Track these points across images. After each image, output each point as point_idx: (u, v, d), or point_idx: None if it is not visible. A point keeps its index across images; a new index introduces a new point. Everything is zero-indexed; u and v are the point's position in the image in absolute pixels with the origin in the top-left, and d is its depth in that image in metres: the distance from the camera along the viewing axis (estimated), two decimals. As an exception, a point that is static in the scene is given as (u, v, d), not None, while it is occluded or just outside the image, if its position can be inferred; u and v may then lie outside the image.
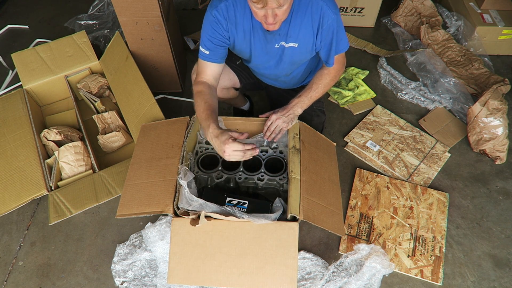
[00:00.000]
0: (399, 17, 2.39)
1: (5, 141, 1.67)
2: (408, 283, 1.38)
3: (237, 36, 1.28)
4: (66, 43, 1.93)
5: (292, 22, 1.21)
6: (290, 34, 1.24)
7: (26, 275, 1.43)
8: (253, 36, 1.27)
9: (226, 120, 1.43)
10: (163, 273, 1.36)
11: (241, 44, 1.31)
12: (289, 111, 1.33)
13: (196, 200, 1.11)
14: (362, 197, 1.60)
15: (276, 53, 1.32)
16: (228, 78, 1.49)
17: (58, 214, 1.47)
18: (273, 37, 1.26)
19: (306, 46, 1.27)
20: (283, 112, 1.33)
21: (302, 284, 1.34)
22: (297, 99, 1.34)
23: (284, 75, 1.45)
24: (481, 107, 1.68)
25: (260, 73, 1.50)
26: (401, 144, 1.80)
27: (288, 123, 1.34)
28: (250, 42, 1.29)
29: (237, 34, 1.27)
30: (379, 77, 2.12)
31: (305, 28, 1.22)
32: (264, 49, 1.31)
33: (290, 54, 1.31)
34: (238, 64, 1.53)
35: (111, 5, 2.38)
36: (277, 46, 1.28)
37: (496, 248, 1.47)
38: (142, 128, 1.48)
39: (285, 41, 1.26)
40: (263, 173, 1.31)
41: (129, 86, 1.72)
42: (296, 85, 1.56)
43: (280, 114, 1.33)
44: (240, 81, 1.55)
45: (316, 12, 1.19)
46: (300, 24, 1.22)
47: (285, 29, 1.23)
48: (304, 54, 1.31)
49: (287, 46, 1.28)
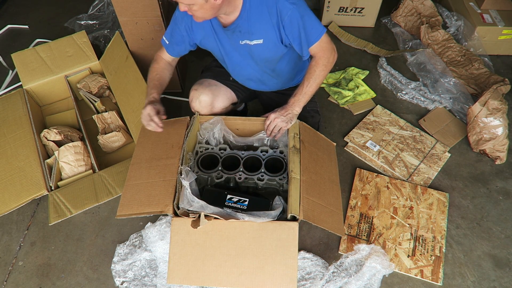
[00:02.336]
0: (399, 17, 2.39)
1: (5, 141, 1.67)
2: (408, 283, 1.38)
3: (198, 35, 1.33)
4: (66, 43, 1.93)
5: (250, 18, 1.21)
6: (252, 31, 1.23)
7: (26, 275, 1.43)
8: (216, 34, 1.30)
9: (226, 120, 1.43)
10: (163, 273, 1.36)
11: (208, 43, 1.35)
12: (288, 111, 1.33)
13: (197, 202, 1.11)
14: (362, 197, 1.60)
15: (244, 50, 1.31)
16: (226, 97, 1.49)
17: (58, 214, 1.47)
18: (232, 34, 1.26)
19: (272, 41, 1.26)
20: (282, 112, 1.33)
21: (302, 284, 1.34)
22: (293, 99, 1.34)
23: (267, 74, 1.44)
24: (481, 107, 1.68)
25: (244, 77, 1.49)
26: (401, 144, 1.80)
27: (287, 122, 1.33)
28: (217, 41, 1.32)
29: (198, 33, 1.32)
30: (379, 77, 2.12)
31: (265, 23, 1.21)
32: (231, 46, 1.32)
33: (259, 52, 1.30)
34: (232, 80, 1.54)
35: (111, 5, 2.38)
36: (241, 42, 1.28)
37: (496, 248, 1.47)
38: (142, 128, 1.48)
39: (249, 39, 1.26)
40: (263, 173, 1.31)
41: (129, 86, 1.72)
42: (285, 85, 1.54)
43: (279, 114, 1.33)
44: (237, 96, 1.55)
45: (272, 6, 1.18)
46: (260, 20, 1.21)
47: (244, 26, 1.23)
48: (272, 49, 1.30)
49: (253, 44, 1.27)
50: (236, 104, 1.60)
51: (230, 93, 1.51)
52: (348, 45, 2.32)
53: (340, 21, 2.41)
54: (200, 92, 1.41)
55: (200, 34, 1.33)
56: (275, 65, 1.40)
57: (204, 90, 1.41)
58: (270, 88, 1.55)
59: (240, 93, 1.55)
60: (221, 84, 1.49)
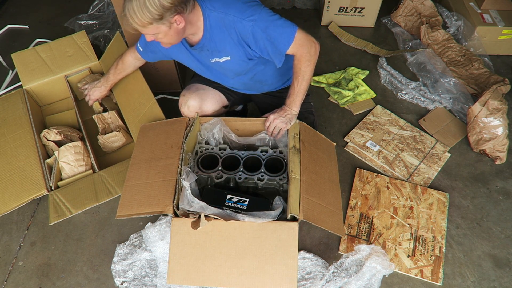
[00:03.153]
0: (399, 17, 2.39)
1: (5, 141, 1.67)
2: (408, 283, 1.38)
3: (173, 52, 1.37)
4: (66, 43, 1.93)
5: (214, 38, 1.22)
6: (219, 49, 1.25)
7: (26, 275, 1.43)
8: (190, 52, 1.32)
9: (226, 120, 1.43)
10: (163, 273, 1.36)
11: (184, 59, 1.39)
12: (286, 112, 1.34)
13: (198, 202, 1.11)
14: (362, 197, 1.60)
15: (216, 67, 1.34)
16: (215, 100, 1.49)
17: (58, 214, 1.47)
18: (200, 53, 1.29)
19: (239, 57, 1.27)
20: (281, 113, 1.34)
21: (302, 284, 1.34)
22: (288, 100, 1.34)
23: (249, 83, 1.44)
24: (481, 107, 1.68)
25: (230, 86, 1.50)
26: (401, 144, 1.80)
27: (286, 123, 1.34)
28: (193, 58, 1.35)
29: (173, 51, 1.36)
30: (379, 77, 2.12)
31: (229, 42, 1.22)
32: (204, 63, 1.35)
33: (230, 67, 1.31)
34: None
35: (111, 5, 2.38)
36: (212, 61, 1.30)
37: (496, 248, 1.47)
38: (142, 129, 1.48)
39: (218, 56, 1.28)
40: (263, 173, 1.31)
41: (129, 86, 1.72)
42: (273, 86, 1.53)
43: (278, 115, 1.34)
44: (227, 99, 1.55)
45: (230, 28, 1.18)
46: (223, 39, 1.22)
47: (211, 45, 1.24)
48: (242, 64, 1.30)
49: (222, 61, 1.29)
50: (227, 107, 1.60)
51: (219, 96, 1.51)
52: (348, 45, 2.32)
53: (340, 21, 2.41)
54: (187, 97, 1.43)
55: (175, 50, 1.35)
56: (253, 75, 1.40)
57: (191, 95, 1.43)
58: (259, 92, 1.55)
59: (231, 95, 1.55)
60: (209, 87, 1.50)
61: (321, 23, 2.45)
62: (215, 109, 1.50)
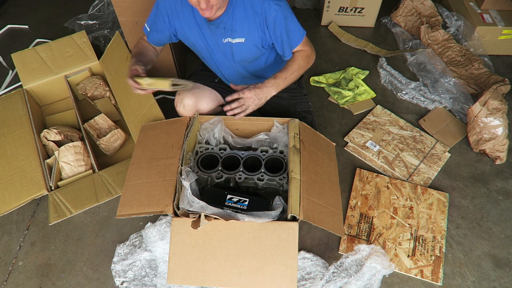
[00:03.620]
0: (399, 17, 2.39)
1: (5, 141, 1.67)
2: (408, 283, 1.38)
3: (182, 28, 1.32)
4: (66, 43, 1.93)
5: (235, 15, 1.21)
6: (235, 29, 1.24)
7: (26, 275, 1.43)
8: (201, 29, 1.30)
9: (225, 120, 1.43)
10: (163, 273, 1.36)
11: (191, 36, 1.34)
12: (264, 92, 1.27)
13: (198, 202, 1.11)
14: (362, 197, 1.60)
15: (227, 48, 1.32)
16: (211, 99, 1.50)
17: (58, 214, 1.47)
18: (216, 29, 1.26)
19: (253, 41, 1.27)
20: (258, 92, 1.26)
21: (302, 284, 1.34)
22: (273, 80, 1.28)
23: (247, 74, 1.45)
24: (481, 107, 1.68)
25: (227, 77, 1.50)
26: (401, 144, 1.80)
27: (257, 105, 1.28)
28: (201, 36, 1.32)
29: (182, 26, 1.31)
30: (379, 77, 2.12)
31: (248, 23, 1.22)
32: (215, 43, 1.32)
33: (239, 51, 1.31)
34: (217, 82, 1.55)
35: (111, 5, 2.38)
36: (224, 41, 1.29)
37: (496, 248, 1.47)
38: (142, 128, 1.48)
39: (231, 36, 1.27)
40: (263, 173, 1.31)
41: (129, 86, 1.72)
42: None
43: (254, 94, 1.25)
44: (224, 98, 1.55)
45: (258, 5, 1.18)
46: (244, 18, 1.21)
47: (229, 22, 1.23)
48: (253, 49, 1.30)
49: (234, 42, 1.28)
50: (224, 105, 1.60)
51: (215, 95, 1.52)
52: (348, 45, 2.32)
53: (340, 21, 2.41)
54: (183, 96, 1.43)
55: (184, 25, 1.32)
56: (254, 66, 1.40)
57: (187, 93, 1.43)
58: None
59: (227, 94, 1.55)
60: (205, 86, 1.50)
61: (321, 23, 2.45)
62: (211, 107, 1.50)
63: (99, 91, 1.88)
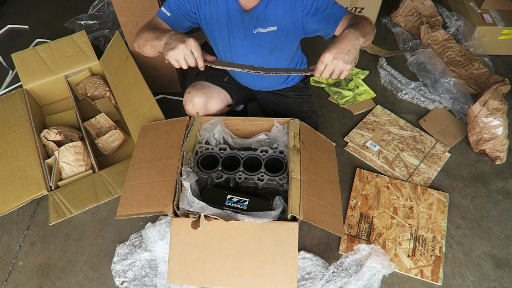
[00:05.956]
0: (399, 17, 2.39)
1: (5, 141, 1.67)
2: (408, 283, 1.38)
3: (211, 17, 1.26)
4: (66, 43, 1.93)
5: (269, 5, 1.20)
6: (268, 18, 1.22)
7: (26, 275, 1.43)
8: (230, 19, 1.26)
9: (226, 120, 1.43)
10: (163, 273, 1.36)
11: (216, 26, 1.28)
12: (348, 46, 0.97)
13: (198, 203, 1.11)
14: (362, 197, 1.60)
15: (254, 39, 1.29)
16: (220, 99, 1.48)
17: (58, 214, 1.47)
18: (250, 19, 1.24)
19: (285, 30, 1.24)
20: (341, 48, 0.97)
21: (302, 284, 1.35)
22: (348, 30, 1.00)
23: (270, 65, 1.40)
24: (481, 107, 1.68)
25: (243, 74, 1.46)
26: (401, 144, 1.80)
27: (350, 63, 0.98)
28: (228, 26, 1.28)
29: (212, 15, 1.25)
30: (379, 77, 2.12)
31: (282, 8, 1.20)
32: (243, 34, 1.29)
33: (271, 39, 1.28)
34: (227, 81, 1.52)
35: (111, 5, 2.38)
36: (254, 31, 1.27)
37: (496, 248, 1.47)
38: (142, 128, 1.48)
39: (263, 26, 1.25)
40: (263, 173, 1.31)
41: (129, 86, 1.72)
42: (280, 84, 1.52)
43: (337, 52, 0.97)
44: (232, 98, 1.54)
45: None
46: (281, 6, 1.20)
47: (262, 12, 1.22)
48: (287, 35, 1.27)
49: (266, 31, 1.26)
50: (231, 106, 1.59)
51: (224, 95, 1.50)
52: (348, 45, 2.32)
53: (340, 21, 2.41)
54: (193, 95, 1.41)
55: (214, 14, 1.25)
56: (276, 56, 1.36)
57: (197, 92, 1.41)
58: (266, 87, 1.54)
59: (235, 94, 1.54)
60: (214, 86, 1.48)
61: (321, 23, 2.45)
62: (220, 107, 1.49)
63: (99, 91, 1.88)
